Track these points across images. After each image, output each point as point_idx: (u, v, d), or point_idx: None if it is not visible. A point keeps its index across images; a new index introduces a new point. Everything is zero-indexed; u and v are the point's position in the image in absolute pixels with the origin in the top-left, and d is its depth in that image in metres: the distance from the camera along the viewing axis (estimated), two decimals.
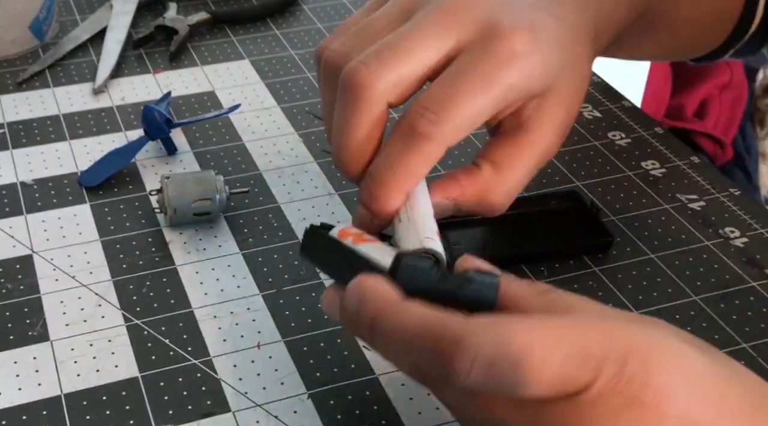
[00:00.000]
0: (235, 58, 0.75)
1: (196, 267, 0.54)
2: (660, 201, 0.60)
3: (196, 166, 0.63)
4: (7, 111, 0.68)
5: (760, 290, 0.53)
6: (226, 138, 0.66)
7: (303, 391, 0.47)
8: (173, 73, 0.73)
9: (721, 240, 0.56)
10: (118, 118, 0.68)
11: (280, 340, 0.50)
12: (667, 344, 0.34)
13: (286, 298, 0.52)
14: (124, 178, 0.61)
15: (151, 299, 0.52)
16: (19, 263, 0.54)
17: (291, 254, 0.55)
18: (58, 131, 0.66)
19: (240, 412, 0.46)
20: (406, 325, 0.35)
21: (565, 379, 0.33)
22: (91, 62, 0.74)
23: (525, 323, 0.34)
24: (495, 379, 0.33)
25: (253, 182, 0.61)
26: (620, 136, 0.66)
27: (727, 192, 0.60)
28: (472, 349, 0.33)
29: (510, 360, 0.32)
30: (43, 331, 0.50)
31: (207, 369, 0.48)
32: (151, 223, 0.58)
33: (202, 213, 0.56)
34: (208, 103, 0.70)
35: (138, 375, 0.47)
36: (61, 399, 0.46)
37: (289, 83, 0.72)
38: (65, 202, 0.59)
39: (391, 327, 0.36)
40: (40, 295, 0.52)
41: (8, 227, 0.57)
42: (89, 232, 0.57)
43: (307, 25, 0.80)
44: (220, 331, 0.50)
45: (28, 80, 0.72)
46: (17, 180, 0.61)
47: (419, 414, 0.46)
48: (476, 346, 0.33)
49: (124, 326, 0.50)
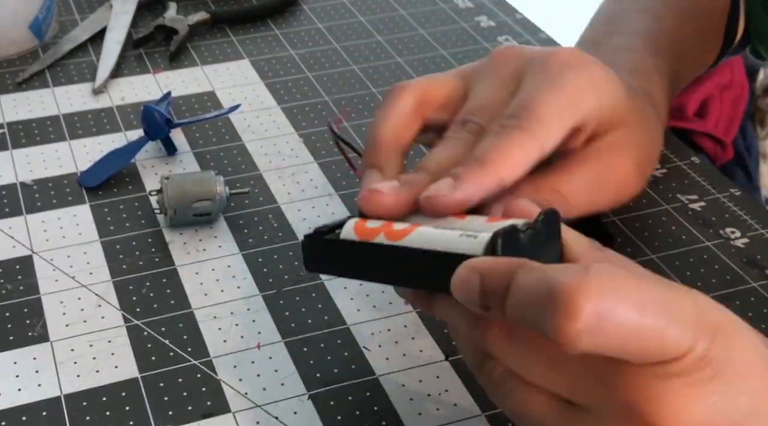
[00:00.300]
0: (235, 58, 0.75)
1: (196, 267, 0.54)
2: (660, 201, 0.60)
3: (196, 166, 0.63)
4: (6, 111, 0.68)
5: (760, 291, 0.53)
6: (226, 138, 0.65)
7: (303, 391, 0.47)
8: (173, 73, 0.73)
9: (721, 240, 0.56)
10: (117, 118, 0.68)
11: (280, 340, 0.50)
12: (741, 324, 0.34)
13: (286, 299, 0.52)
14: (123, 179, 0.61)
15: (151, 300, 0.52)
16: (18, 264, 0.54)
17: (291, 254, 0.55)
18: (58, 131, 0.66)
19: (240, 413, 0.45)
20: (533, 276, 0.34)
21: (666, 343, 0.32)
22: (91, 62, 0.74)
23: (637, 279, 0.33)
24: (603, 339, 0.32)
25: (253, 182, 0.61)
26: None
27: (727, 192, 0.60)
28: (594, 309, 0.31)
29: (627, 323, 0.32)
30: (43, 331, 0.50)
31: (207, 369, 0.48)
32: (151, 223, 0.58)
33: (202, 213, 0.56)
34: (208, 103, 0.70)
35: (138, 375, 0.47)
36: (60, 400, 0.46)
37: (289, 83, 0.72)
38: (65, 202, 0.59)
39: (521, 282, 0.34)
40: (40, 295, 0.52)
41: (8, 228, 0.57)
42: (89, 232, 0.57)
43: (307, 25, 0.80)
44: (220, 331, 0.50)
45: (28, 80, 0.72)
46: (17, 180, 0.61)
47: (419, 414, 0.45)
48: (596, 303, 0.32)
49: (124, 327, 0.50)
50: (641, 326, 0.32)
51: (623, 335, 0.32)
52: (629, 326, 0.32)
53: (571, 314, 0.31)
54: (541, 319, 0.33)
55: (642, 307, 0.32)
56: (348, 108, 0.68)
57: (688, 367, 0.32)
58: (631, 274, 0.33)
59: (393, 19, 0.81)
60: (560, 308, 0.32)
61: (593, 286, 0.32)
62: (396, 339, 0.50)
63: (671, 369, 0.32)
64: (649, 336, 0.32)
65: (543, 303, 0.32)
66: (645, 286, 0.33)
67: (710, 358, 0.33)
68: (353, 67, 0.74)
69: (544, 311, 0.32)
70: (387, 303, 0.52)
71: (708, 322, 0.33)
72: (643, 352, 0.32)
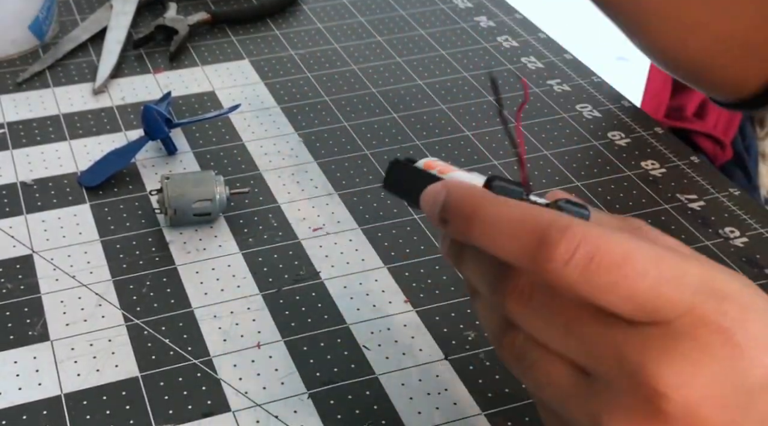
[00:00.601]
0: (235, 58, 0.75)
1: (196, 267, 0.54)
2: (660, 201, 0.60)
3: (196, 166, 0.63)
4: (7, 111, 0.68)
5: None
6: (226, 138, 0.66)
7: (303, 390, 0.47)
8: (173, 73, 0.73)
9: (720, 240, 0.56)
10: (118, 118, 0.68)
11: (280, 339, 0.50)
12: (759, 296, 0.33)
13: (286, 298, 0.52)
14: (124, 178, 0.61)
15: (151, 299, 0.52)
16: (19, 263, 0.54)
17: (291, 254, 0.55)
18: (58, 131, 0.66)
19: (240, 412, 0.46)
20: (512, 213, 0.34)
21: (658, 299, 0.32)
22: (91, 62, 0.74)
23: (629, 236, 0.33)
24: (590, 276, 0.32)
25: (253, 182, 0.61)
26: (620, 136, 0.66)
27: (726, 192, 0.60)
28: (578, 238, 0.32)
29: (610, 260, 0.31)
30: (43, 330, 0.50)
31: (207, 369, 0.48)
32: (151, 223, 0.58)
33: (202, 213, 0.56)
34: (208, 103, 0.70)
35: (138, 375, 0.47)
36: (61, 399, 0.46)
37: (289, 83, 0.72)
38: (65, 202, 0.59)
39: (494, 214, 0.34)
40: (40, 295, 0.52)
41: (8, 227, 0.57)
42: (89, 232, 0.57)
43: (307, 25, 0.80)
44: (220, 330, 0.50)
45: (28, 80, 0.72)
46: (17, 180, 0.61)
47: (419, 414, 0.46)
48: (582, 236, 0.32)
49: (124, 326, 0.50)
50: (627, 275, 0.31)
51: (608, 281, 0.31)
52: (615, 273, 0.31)
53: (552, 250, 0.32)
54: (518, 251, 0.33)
55: (630, 258, 0.31)
56: None
57: (695, 330, 0.31)
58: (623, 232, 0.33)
59: (393, 19, 0.81)
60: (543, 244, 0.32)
61: (579, 230, 0.32)
62: (396, 338, 0.50)
63: (675, 328, 0.32)
64: (636, 289, 0.31)
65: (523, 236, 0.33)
66: (638, 243, 0.32)
67: (720, 323, 0.31)
68: (353, 67, 0.74)
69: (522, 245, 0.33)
70: (386, 302, 0.52)
71: (716, 287, 0.32)
72: (630, 305, 0.32)
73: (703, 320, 0.32)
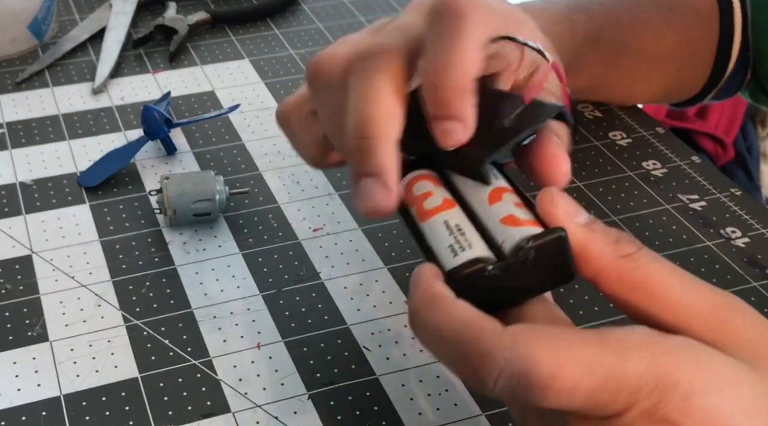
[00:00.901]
0: (235, 58, 0.75)
1: (196, 267, 0.54)
2: (661, 201, 0.60)
3: (196, 166, 0.63)
4: (6, 111, 0.68)
5: (761, 290, 0.53)
6: (226, 138, 0.65)
7: (303, 391, 0.47)
8: (173, 73, 0.73)
9: (722, 240, 0.56)
10: (117, 118, 0.68)
11: (280, 340, 0.49)
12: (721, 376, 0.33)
13: (286, 298, 0.52)
14: (123, 179, 0.61)
15: (150, 299, 0.52)
16: (18, 263, 0.54)
17: (291, 254, 0.55)
18: (58, 131, 0.66)
19: (240, 413, 0.45)
20: (445, 324, 0.35)
21: (595, 405, 0.32)
22: (91, 62, 0.74)
23: (560, 342, 0.33)
24: (521, 396, 0.32)
25: (253, 182, 0.61)
26: (621, 136, 0.66)
27: (728, 192, 0.60)
28: (499, 365, 0.32)
29: (537, 382, 0.32)
30: (43, 331, 0.50)
31: (207, 369, 0.48)
32: (150, 223, 0.57)
33: (202, 213, 0.56)
34: (207, 103, 0.70)
35: (138, 375, 0.47)
36: (60, 400, 0.46)
37: (289, 83, 0.72)
38: (64, 202, 0.59)
39: (431, 322, 0.35)
40: (40, 295, 0.52)
41: (8, 227, 0.57)
42: (89, 232, 0.57)
43: (307, 25, 0.80)
44: (220, 331, 0.50)
45: (28, 80, 0.72)
46: (16, 180, 0.61)
47: (419, 415, 0.45)
48: (504, 363, 0.32)
49: (123, 326, 0.50)
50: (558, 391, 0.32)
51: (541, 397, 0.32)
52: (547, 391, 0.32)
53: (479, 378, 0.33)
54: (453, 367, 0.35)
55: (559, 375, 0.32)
56: None
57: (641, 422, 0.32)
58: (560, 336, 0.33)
59: None
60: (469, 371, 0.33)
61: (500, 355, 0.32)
62: (396, 339, 0.50)
63: (614, 423, 0.32)
64: (570, 399, 0.32)
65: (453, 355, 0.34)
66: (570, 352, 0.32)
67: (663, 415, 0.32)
68: None
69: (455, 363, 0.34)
70: (387, 303, 0.52)
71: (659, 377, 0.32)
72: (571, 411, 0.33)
73: (646, 414, 0.32)
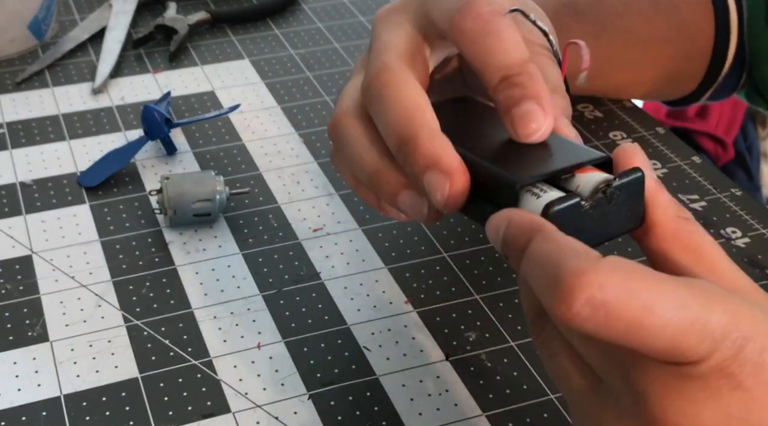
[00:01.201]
0: (235, 58, 0.75)
1: (196, 267, 0.54)
2: None
3: (196, 166, 0.63)
4: (6, 111, 0.68)
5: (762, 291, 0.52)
6: (226, 138, 0.65)
7: (303, 391, 0.47)
8: (173, 73, 0.73)
9: (722, 240, 0.56)
10: (117, 118, 0.68)
11: (281, 340, 0.49)
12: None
13: (286, 299, 0.52)
14: (123, 179, 0.61)
15: (150, 300, 0.52)
16: (18, 263, 0.54)
17: (291, 254, 0.55)
18: (58, 131, 0.66)
19: (240, 413, 0.45)
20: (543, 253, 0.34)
21: (677, 349, 0.32)
22: (91, 62, 0.74)
23: (655, 279, 0.32)
24: (604, 327, 0.32)
25: (253, 182, 0.61)
26: (621, 136, 0.66)
27: (728, 192, 0.60)
28: (592, 290, 0.31)
29: (629, 314, 0.31)
30: (43, 331, 0.50)
31: (207, 370, 0.48)
32: (150, 223, 0.57)
33: (202, 213, 0.56)
34: (207, 103, 0.70)
35: (138, 375, 0.47)
36: (60, 400, 0.46)
37: (289, 83, 0.72)
38: (64, 202, 0.59)
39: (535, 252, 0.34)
40: (40, 295, 0.52)
41: (8, 227, 0.57)
42: (89, 232, 0.57)
43: (307, 25, 0.80)
44: (220, 331, 0.50)
45: (28, 80, 0.72)
46: (16, 180, 0.61)
47: (420, 415, 0.45)
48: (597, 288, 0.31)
49: (123, 327, 0.50)
50: (647, 328, 0.31)
51: (626, 332, 0.32)
52: (633, 325, 0.31)
53: (566, 300, 0.31)
54: (542, 292, 0.33)
55: (650, 311, 0.31)
56: None
57: (706, 374, 0.32)
58: (652, 274, 0.33)
59: None
60: (558, 292, 0.32)
61: (595, 279, 0.31)
62: (396, 339, 0.50)
63: (687, 371, 0.32)
64: (656, 337, 0.32)
65: (546, 278, 0.33)
66: (663, 289, 0.32)
67: (732, 370, 0.32)
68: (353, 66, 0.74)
69: (545, 286, 0.33)
70: (387, 303, 0.52)
71: (740, 334, 0.32)
72: (652, 351, 0.32)
73: (718, 367, 0.32)
